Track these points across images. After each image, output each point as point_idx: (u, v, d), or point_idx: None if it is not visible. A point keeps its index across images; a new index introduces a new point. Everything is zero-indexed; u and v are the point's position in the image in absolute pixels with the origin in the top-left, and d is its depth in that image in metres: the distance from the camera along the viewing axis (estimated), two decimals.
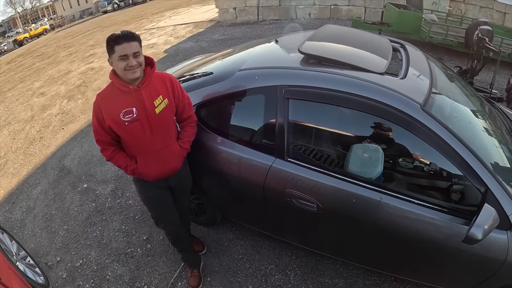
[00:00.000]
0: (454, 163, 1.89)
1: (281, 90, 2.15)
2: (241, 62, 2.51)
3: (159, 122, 2.04)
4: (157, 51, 9.89)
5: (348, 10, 11.11)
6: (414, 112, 1.92)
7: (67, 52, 14.61)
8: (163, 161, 2.14)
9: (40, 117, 7.11)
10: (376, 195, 2.00)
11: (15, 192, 4.51)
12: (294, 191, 2.17)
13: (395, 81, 2.10)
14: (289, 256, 2.85)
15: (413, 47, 2.78)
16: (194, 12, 17.56)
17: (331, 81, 2.07)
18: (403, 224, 2.01)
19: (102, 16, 32.94)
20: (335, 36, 2.72)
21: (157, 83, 2.05)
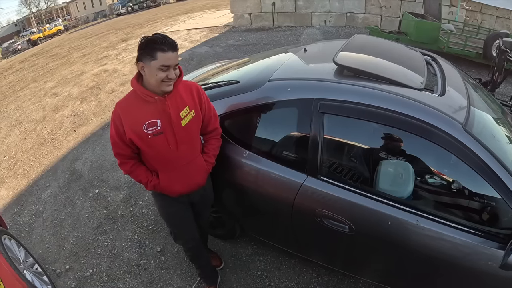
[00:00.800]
0: (493, 186, 1.80)
1: (316, 104, 2.06)
2: (270, 71, 2.41)
3: (185, 136, 1.94)
4: None
5: (364, 18, 11.03)
6: (456, 132, 1.85)
7: (81, 53, 14.72)
8: (188, 176, 2.05)
9: (52, 118, 7.09)
10: (412, 217, 1.92)
11: (24, 194, 4.45)
12: (325, 211, 2.08)
13: (434, 98, 2.03)
14: (310, 274, 2.75)
15: (444, 60, 2.71)
16: (208, 16, 17.61)
17: (370, 96, 2.00)
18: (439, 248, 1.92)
19: (116, 19, 33.45)
20: (367, 47, 2.66)
21: (184, 93, 1.93)
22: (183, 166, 2.00)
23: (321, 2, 11.55)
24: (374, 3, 10.81)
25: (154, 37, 1.70)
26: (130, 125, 1.83)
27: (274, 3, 11.98)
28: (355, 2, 11.06)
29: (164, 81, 1.74)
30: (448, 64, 2.63)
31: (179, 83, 1.88)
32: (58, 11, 57.95)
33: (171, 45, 1.70)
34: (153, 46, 1.67)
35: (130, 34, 16.86)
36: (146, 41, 1.70)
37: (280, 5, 12.02)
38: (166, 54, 1.68)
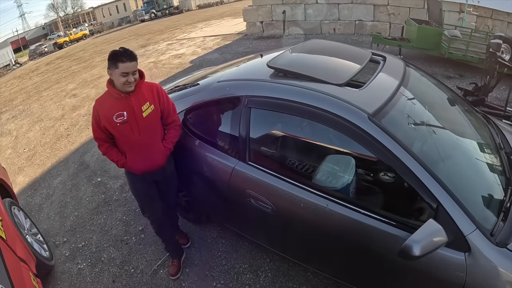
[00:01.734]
0: (403, 176, 1.85)
1: (245, 100, 2.40)
2: (222, 75, 2.86)
3: (145, 124, 2.40)
4: (183, 61, 10.50)
5: (372, 25, 11.12)
6: (361, 121, 1.95)
7: (102, 57, 15.54)
8: (149, 157, 2.49)
9: (70, 116, 7.79)
10: (323, 201, 2.08)
11: (38, 180, 5.09)
12: (252, 192, 2.37)
13: (351, 91, 2.17)
14: (263, 259, 3.02)
15: (397, 59, 2.82)
16: (225, 24, 18.22)
17: (287, 92, 2.25)
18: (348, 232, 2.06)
19: (139, 25, 34.57)
20: (316, 49, 2.93)
21: (145, 92, 2.40)
22: (145, 149, 2.46)
23: (330, 10, 11.79)
24: (383, 10, 10.93)
25: (116, 51, 2.20)
26: (104, 115, 2.32)
27: (285, 11, 12.33)
28: (363, 10, 11.21)
29: (125, 84, 2.23)
30: (400, 63, 2.72)
31: (141, 84, 2.36)
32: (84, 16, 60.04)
33: (129, 56, 2.19)
34: (116, 58, 2.18)
35: (150, 40, 17.65)
36: (111, 54, 2.20)
37: (290, 14, 12.35)
38: (125, 64, 2.17)
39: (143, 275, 3.03)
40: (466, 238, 1.72)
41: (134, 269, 3.10)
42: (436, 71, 7.22)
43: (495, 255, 1.70)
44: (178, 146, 2.65)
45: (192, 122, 2.83)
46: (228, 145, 2.57)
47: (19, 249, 2.54)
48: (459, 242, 1.73)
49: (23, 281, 2.20)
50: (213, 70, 3.60)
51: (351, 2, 11.36)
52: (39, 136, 6.97)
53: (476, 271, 1.72)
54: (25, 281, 2.23)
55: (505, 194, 2.02)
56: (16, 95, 12.22)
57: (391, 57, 2.83)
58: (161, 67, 10.26)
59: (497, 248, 1.70)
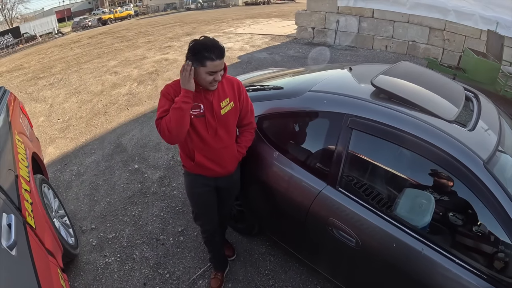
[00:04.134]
0: (505, 229, 1.79)
1: (347, 119, 2.18)
2: (313, 83, 2.57)
3: (223, 123, 2.15)
4: (231, 56, 10.27)
5: (425, 48, 10.84)
6: (476, 168, 1.86)
7: (146, 39, 15.60)
8: (220, 160, 2.24)
9: (109, 93, 7.64)
10: (418, 245, 1.94)
11: (70, 155, 4.89)
12: (337, 221, 2.16)
13: (462, 131, 2.06)
14: (314, 285, 2.78)
15: (487, 98, 2.71)
16: (273, 24, 18.02)
17: (398, 120, 2.08)
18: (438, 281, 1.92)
19: (185, 13, 34.91)
20: (410, 74, 2.72)
21: (226, 86, 2.16)
22: (218, 150, 2.19)
23: (385, 26, 11.54)
24: (438, 35, 10.63)
25: (204, 44, 1.87)
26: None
27: (338, 21, 12.08)
28: (419, 31, 10.95)
29: (211, 82, 1.98)
30: (490, 103, 2.64)
31: (223, 78, 2.08)
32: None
33: (219, 53, 1.89)
34: (203, 54, 1.86)
35: (195, 29, 17.62)
36: (197, 48, 1.87)
37: (344, 24, 12.09)
38: (214, 63, 1.89)
39: (179, 283, 2.75)
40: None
41: (170, 275, 2.81)
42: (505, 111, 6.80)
43: None
44: (249, 151, 2.41)
45: (273, 130, 2.56)
46: (317, 165, 2.31)
47: (48, 239, 2.28)
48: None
49: (51, 282, 1.93)
50: (284, 72, 3.34)
51: (407, 22, 11.06)
52: (75, 109, 6.84)
53: None
54: (53, 281, 1.95)
55: None
56: (55, 63, 12.32)
57: (481, 95, 2.72)
58: None
59: None
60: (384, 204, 2.11)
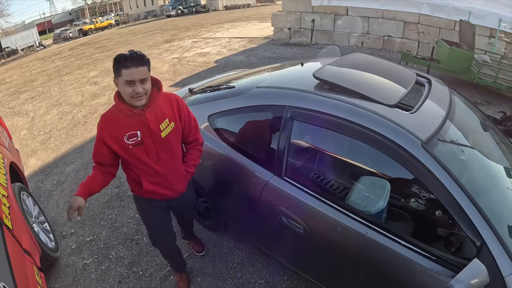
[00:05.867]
0: (450, 210, 1.77)
1: (288, 111, 2.22)
2: (261, 80, 2.69)
3: (165, 146, 2.06)
4: (208, 60, 10.42)
5: (401, 42, 11.02)
6: (414, 149, 1.85)
7: (126, 48, 15.48)
8: (168, 184, 2.17)
9: (89, 103, 7.73)
10: (362, 228, 1.96)
11: (51, 166, 5.00)
12: (285, 209, 2.21)
13: (403, 115, 2.05)
14: (281, 276, 2.88)
15: (441, 83, 2.73)
16: (251, 27, 18.24)
17: (335, 108, 2.10)
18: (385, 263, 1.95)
19: (165, 20, 34.83)
20: (360, 64, 2.75)
21: (164, 105, 2.04)
22: (164, 174, 2.11)
23: (360, 23, 11.72)
24: (413, 28, 10.82)
25: (119, 55, 1.79)
26: (112, 135, 1.96)
27: (314, 20, 12.29)
28: (393, 26, 11.13)
29: (133, 96, 1.83)
30: (443, 87, 2.64)
31: (158, 96, 1.99)
32: (111, 6, 60.84)
33: (135, 60, 1.76)
34: (119, 63, 1.77)
35: (175, 36, 17.71)
36: (116, 59, 1.79)
37: (320, 23, 12.31)
38: (129, 70, 1.75)
39: (151, 279, 2.89)
40: (504, 279, 1.64)
41: (143, 272, 2.96)
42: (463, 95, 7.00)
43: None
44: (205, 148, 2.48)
45: (224, 127, 2.68)
46: (263, 156, 2.41)
47: (25, 240, 2.42)
48: (496, 283, 1.65)
49: (26, 277, 2.08)
50: (246, 73, 3.46)
51: (382, 17, 11.26)
52: (55, 120, 6.92)
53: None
54: (28, 276, 2.10)
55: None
56: (37, 76, 12.31)
57: (435, 80, 2.73)
58: (185, 64, 10.20)
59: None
60: (328, 190, 2.19)
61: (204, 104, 2.79)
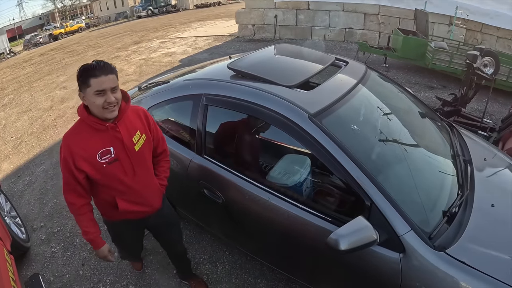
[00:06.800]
0: (339, 175, 1.95)
1: (203, 98, 2.48)
2: (191, 73, 2.97)
3: (140, 160, 1.92)
4: (173, 60, 10.63)
5: (362, 34, 11.28)
6: (301, 121, 2.02)
7: (96, 52, 15.60)
8: (145, 200, 2.04)
9: (58, 108, 7.89)
10: (265, 194, 2.17)
11: (22, 168, 5.23)
12: (205, 183, 2.47)
13: (299, 93, 2.25)
14: (223, 251, 3.15)
15: (360, 65, 2.88)
16: (219, 25, 18.40)
17: (239, 91, 2.35)
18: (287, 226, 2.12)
19: (136, 21, 34.34)
20: (279, 54, 3.03)
21: (133, 117, 1.92)
22: (141, 191, 1.98)
23: (321, 17, 11.94)
24: (373, 19, 11.07)
25: (85, 65, 1.67)
26: (82, 155, 1.76)
27: (276, 16, 12.47)
28: (354, 18, 11.38)
29: (105, 107, 1.68)
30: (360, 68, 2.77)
31: (127, 108, 1.85)
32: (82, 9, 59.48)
33: (103, 68, 1.65)
34: (86, 73, 1.63)
35: (144, 37, 17.69)
36: (80, 70, 1.66)
37: (282, 18, 12.49)
38: (98, 78, 1.62)
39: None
40: (400, 238, 1.74)
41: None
42: (419, 81, 7.43)
43: (430, 258, 1.71)
44: None
45: (160, 117, 2.90)
46: (187, 139, 2.67)
47: None
48: (393, 242, 1.76)
49: None
50: (188, 69, 3.64)
51: (342, 10, 11.51)
52: (26, 126, 7.06)
53: (411, 272, 1.75)
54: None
55: (454, 199, 2.06)
56: (8, 84, 12.21)
57: (353, 62, 2.90)
58: (151, 65, 10.38)
59: (434, 251, 1.72)
60: (238, 163, 2.45)
61: (146, 98, 2.99)
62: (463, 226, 1.89)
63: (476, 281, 1.65)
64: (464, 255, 1.72)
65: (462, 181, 2.23)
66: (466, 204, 2.06)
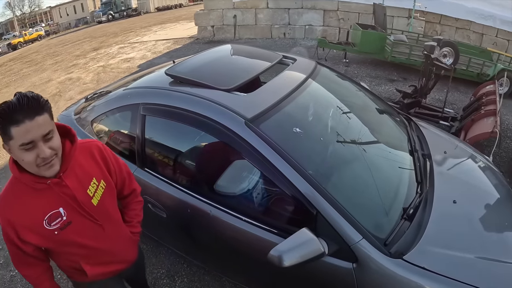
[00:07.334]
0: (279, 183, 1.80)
1: (141, 107, 2.29)
2: (132, 82, 2.78)
3: (102, 215, 1.51)
4: (131, 66, 10.41)
5: (322, 30, 11.40)
6: (238, 127, 1.87)
7: (54, 60, 15.02)
8: (117, 257, 1.68)
9: None
10: (207, 207, 2.03)
11: None
12: (149, 197, 2.27)
13: (236, 97, 2.10)
14: (181, 264, 3.03)
15: (309, 62, 2.74)
16: (179, 28, 18.13)
17: (173, 98, 2.20)
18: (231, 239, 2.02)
19: (96, 26, 33.36)
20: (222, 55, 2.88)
21: (84, 161, 1.46)
22: (110, 249, 1.60)
23: (280, 15, 12.01)
24: (333, 15, 11.23)
25: (5, 105, 1.15)
26: (25, 225, 1.35)
27: (236, 16, 12.42)
28: (314, 15, 11.50)
29: (39, 165, 1.23)
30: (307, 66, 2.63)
31: (74, 151, 1.40)
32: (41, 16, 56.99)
33: (27, 109, 1.15)
34: (4, 121, 1.14)
35: (103, 43, 17.20)
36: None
37: (241, 18, 12.47)
38: (22, 127, 1.14)
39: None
40: (351, 248, 1.63)
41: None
42: (380, 74, 7.51)
43: (387, 267, 1.61)
44: None
45: (101, 129, 2.72)
46: (128, 151, 2.50)
47: None
48: (345, 252, 1.65)
49: None
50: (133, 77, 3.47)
51: (301, 7, 11.60)
52: None
53: (367, 282, 1.65)
54: None
55: (412, 199, 1.96)
56: None
57: (302, 59, 2.75)
58: (109, 72, 10.13)
59: (390, 259, 1.62)
60: (178, 176, 2.32)
61: (89, 109, 2.82)
62: (423, 228, 1.79)
63: (439, 286, 1.55)
64: (424, 259, 1.62)
65: (421, 178, 2.14)
66: (426, 203, 1.97)
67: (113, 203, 1.62)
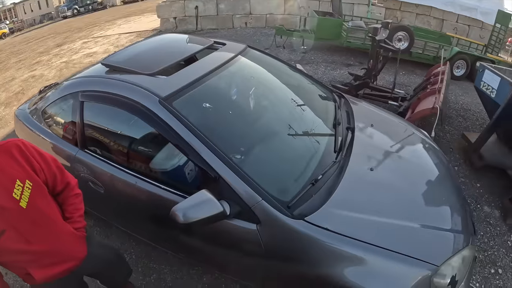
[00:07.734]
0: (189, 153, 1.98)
1: (79, 95, 2.49)
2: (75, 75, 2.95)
3: (35, 217, 1.45)
4: (94, 60, 10.42)
5: (283, 18, 11.55)
6: (152, 105, 2.04)
7: (17, 58, 14.71)
8: (64, 255, 1.63)
9: None
10: (132, 179, 2.25)
11: None
12: (88, 175, 2.48)
13: (157, 79, 2.29)
14: (130, 242, 3.19)
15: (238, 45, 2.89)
16: (143, 21, 17.91)
17: (103, 84, 2.41)
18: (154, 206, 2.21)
19: (61, 22, 32.25)
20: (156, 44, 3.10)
21: (5, 164, 1.41)
22: (53, 248, 1.56)
23: (242, 4, 12.10)
24: (293, 4, 11.42)
25: None
26: None
27: (197, 7, 12.38)
28: (274, 3, 11.64)
29: None
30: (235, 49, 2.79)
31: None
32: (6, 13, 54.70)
33: None
34: None
35: (67, 38, 16.89)
36: None
37: (203, 9, 12.45)
38: None
39: None
40: (251, 209, 1.75)
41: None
42: (336, 59, 7.69)
43: (288, 227, 1.72)
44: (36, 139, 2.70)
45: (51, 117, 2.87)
46: (71, 136, 2.68)
47: None
48: (247, 213, 1.78)
49: None
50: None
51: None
52: None
53: (271, 241, 1.78)
54: None
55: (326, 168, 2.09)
56: None
57: (231, 43, 2.93)
58: (72, 67, 10.14)
59: (291, 220, 1.74)
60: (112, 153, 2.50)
61: (41, 101, 2.99)
62: (331, 193, 1.92)
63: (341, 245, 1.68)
64: (327, 221, 1.75)
65: (341, 149, 2.29)
66: (341, 171, 2.10)
67: (46, 202, 1.56)
